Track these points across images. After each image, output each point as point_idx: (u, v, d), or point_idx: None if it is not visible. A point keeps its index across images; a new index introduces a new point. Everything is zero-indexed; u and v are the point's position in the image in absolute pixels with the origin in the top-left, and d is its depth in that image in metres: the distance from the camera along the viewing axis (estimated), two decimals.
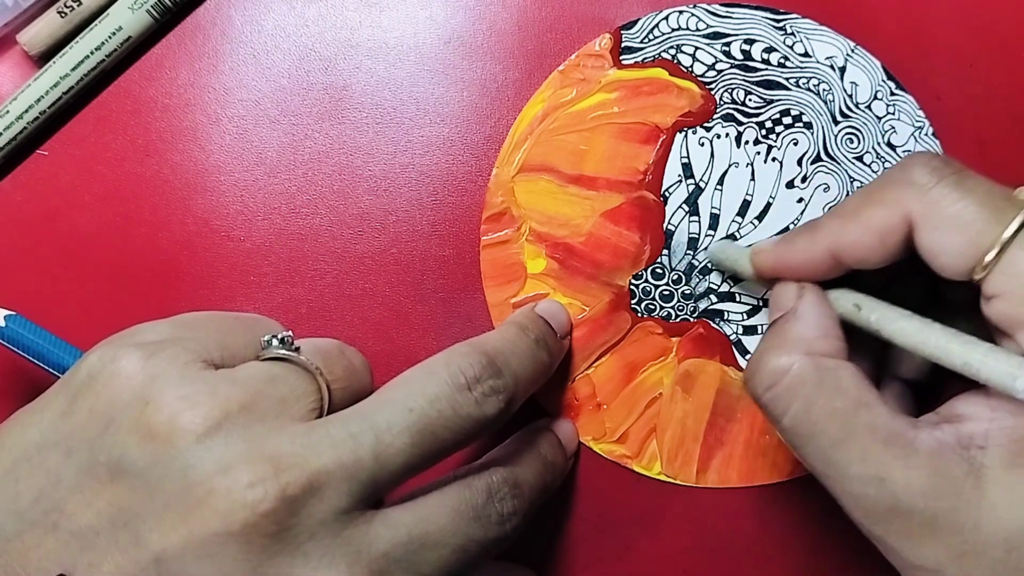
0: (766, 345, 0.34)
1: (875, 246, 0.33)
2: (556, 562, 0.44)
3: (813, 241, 0.34)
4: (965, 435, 0.31)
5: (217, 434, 0.30)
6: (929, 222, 0.31)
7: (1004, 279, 0.30)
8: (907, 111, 0.43)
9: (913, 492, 0.30)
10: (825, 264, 0.34)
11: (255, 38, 0.44)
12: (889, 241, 0.32)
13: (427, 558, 0.31)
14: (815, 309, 0.34)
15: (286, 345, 0.33)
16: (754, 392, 0.34)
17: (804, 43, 0.43)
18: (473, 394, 0.33)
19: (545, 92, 0.43)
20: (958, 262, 0.31)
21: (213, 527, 0.28)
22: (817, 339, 0.33)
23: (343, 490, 0.30)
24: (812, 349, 0.33)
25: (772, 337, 0.34)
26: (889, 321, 0.33)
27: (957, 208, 0.31)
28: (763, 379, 0.33)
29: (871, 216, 0.33)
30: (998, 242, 0.30)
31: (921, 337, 0.32)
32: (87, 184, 0.43)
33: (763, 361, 0.33)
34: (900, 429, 0.31)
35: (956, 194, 0.31)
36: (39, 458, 0.30)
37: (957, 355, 0.31)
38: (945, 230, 0.31)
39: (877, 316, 0.33)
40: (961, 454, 0.31)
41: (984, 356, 0.30)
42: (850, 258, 0.34)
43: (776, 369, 0.33)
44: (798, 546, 0.43)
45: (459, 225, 0.44)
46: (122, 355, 0.31)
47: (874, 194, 0.33)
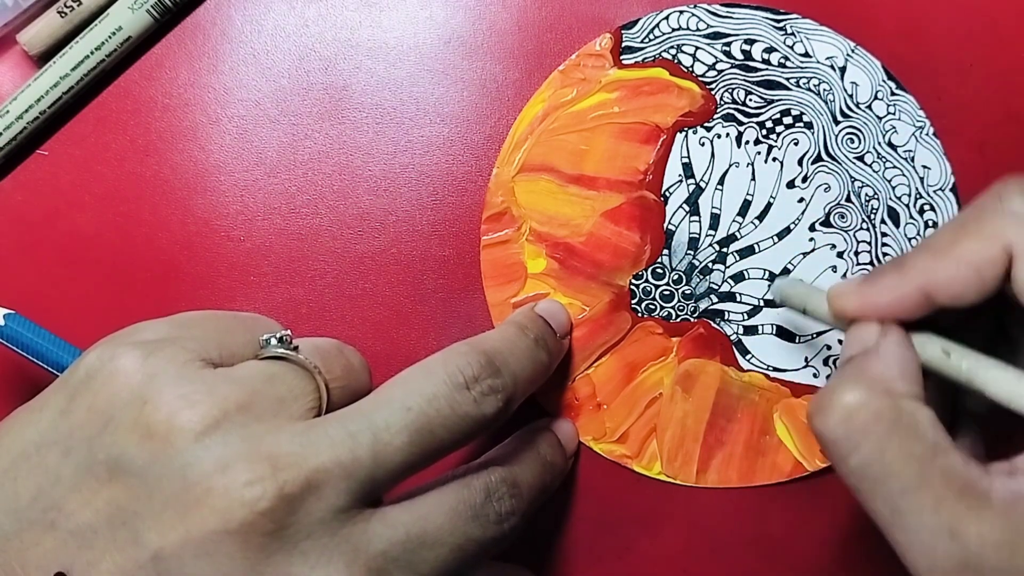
0: (840, 380, 0.32)
1: (972, 282, 0.31)
2: (556, 562, 0.44)
3: (902, 279, 0.33)
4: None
5: (215, 433, 0.29)
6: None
7: None
8: (908, 111, 0.43)
9: (986, 545, 0.29)
10: (915, 303, 0.32)
11: (255, 38, 0.44)
12: (987, 276, 0.31)
13: (425, 557, 0.31)
14: (899, 349, 0.33)
15: (285, 344, 0.33)
16: (821, 427, 0.31)
17: (804, 43, 0.43)
18: (471, 393, 0.33)
19: (545, 92, 0.43)
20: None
21: (211, 526, 0.28)
22: (898, 379, 0.32)
23: (341, 489, 0.30)
24: (892, 389, 0.31)
25: (848, 371, 0.32)
26: (982, 370, 0.31)
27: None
28: (834, 413, 0.31)
29: (967, 249, 0.31)
30: None
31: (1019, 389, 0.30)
32: (87, 184, 0.43)
33: (836, 395, 0.31)
34: (975, 478, 0.30)
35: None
36: (38, 457, 0.30)
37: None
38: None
39: (968, 364, 0.32)
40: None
41: None
42: (944, 295, 0.32)
43: (850, 404, 0.31)
44: (798, 546, 0.43)
45: (459, 225, 0.44)
46: (121, 354, 0.31)
47: (969, 225, 0.31)
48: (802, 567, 0.43)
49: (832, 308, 0.35)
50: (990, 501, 0.29)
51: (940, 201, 0.43)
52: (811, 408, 0.32)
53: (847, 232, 0.43)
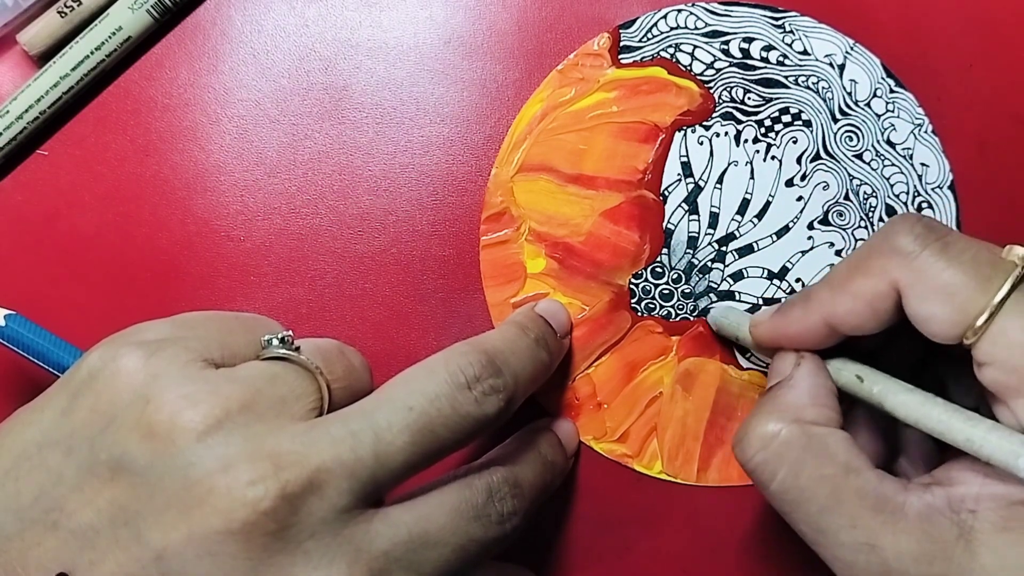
0: (756, 412, 0.34)
1: (867, 315, 0.33)
2: (556, 562, 0.44)
3: (807, 312, 0.35)
4: (956, 498, 0.31)
5: (218, 432, 0.29)
6: (916, 291, 0.32)
7: (994, 347, 0.30)
8: (907, 108, 0.43)
9: (903, 558, 0.30)
10: (820, 333, 0.35)
11: (255, 38, 0.44)
12: (880, 309, 0.33)
13: (427, 557, 0.31)
14: (810, 378, 0.35)
15: (286, 345, 0.33)
16: (742, 457, 0.34)
17: (803, 41, 0.43)
18: (473, 393, 0.33)
19: (544, 92, 0.43)
20: (948, 329, 0.31)
21: (214, 525, 0.28)
22: (808, 407, 0.34)
23: (343, 488, 0.30)
24: (802, 416, 0.33)
25: (764, 404, 0.35)
26: (891, 394, 0.33)
27: (944, 277, 0.31)
28: (751, 444, 0.33)
29: (860, 286, 0.33)
30: (987, 309, 0.30)
31: (923, 412, 0.32)
32: (87, 184, 0.43)
33: (752, 426, 0.34)
34: (889, 493, 0.31)
35: (942, 262, 0.31)
36: (39, 457, 0.30)
37: (959, 431, 0.31)
38: (933, 299, 0.31)
39: (880, 388, 0.34)
40: (952, 518, 0.31)
41: (986, 434, 0.30)
42: (845, 327, 0.34)
43: (764, 434, 0.33)
44: (798, 545, 0.43)
45: (459, 225, 0.44)
46: (123, 354, 0.31)
47: (861, 264, 0.33)
48: (802, 567, 0.43)
49: (752, 338, 0.38)
50: (904, 515, 0.31)
51: (938, 199, 0.43)
52: (734, 439, 0.35)
53: (846, 230, 0.43)
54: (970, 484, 0.32)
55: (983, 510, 0.31)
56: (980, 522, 0.30)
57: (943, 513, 0.31)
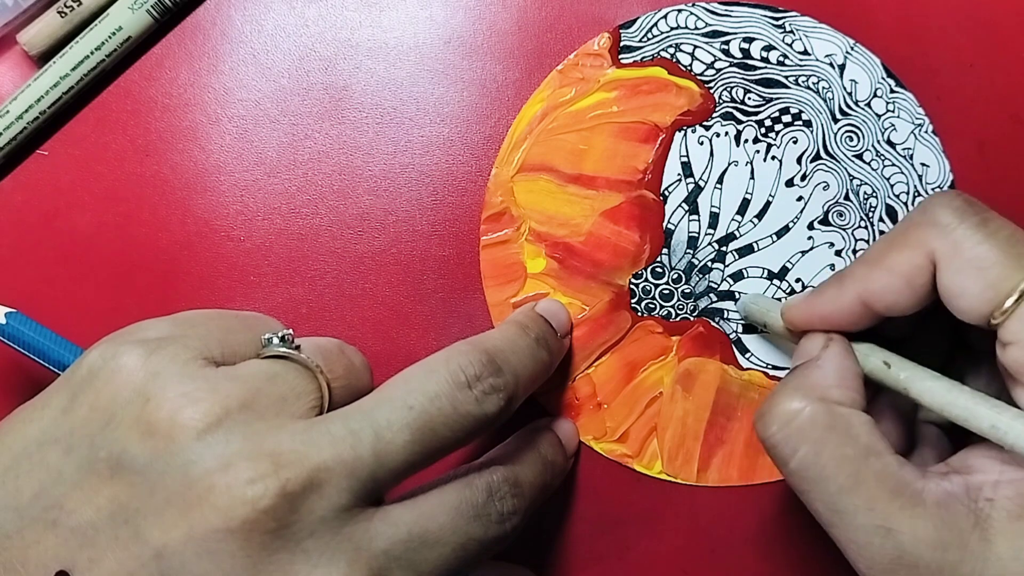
0: (781, 388, 0.34)
1: (903, 290, 0.33)
2: (556, 562, 0.44)
3: (841, 290, 0.35)
4: (974, 486, 0.31)
5: (217, 431, 0.29)
6: (951, 263, 0.31)
7: (1021, 326, 0.30)
8: (907, 108, 0.43)
9: (919, 543, 0.30)
10: (855, 313, 0.35)
11: (255, 38, 0.44)
12: (917, 283, 0.33)
13: (427, 556, 0.31)
14: (837, 359, 0.35)
15: (286, 343, 0.33)
16: (764, 432, 0.34)
17: (803, 41, 0.43)
18: (473, 392, 0.33)
19: (544, 91, 0.43)
20: (977, 305, 0.31)
21: (213, 523, 0.28)
22: (834, 387, 0.34)
23: (343, 487, 0.30)
24: (827, 396, 0.33)
25: (789, 381, 0.35)
26: (917, 380, 0.33)
27: (979, 251, 0.31)
28: (773, 419, 0.33)
29: (896, 259, 0.33)
30: (1018, 288, 0.30)
31: (949, 398, 0.32)
32: (87, 184, 0.43)
33: (775, 402, 0.34)
34: (908, 479, 0.31)
35: (979, 236, 0.31)
36: (39, 455, 0.30)
37: (985, 418, 0.31)
38: (966, 272, 0.31)
39: (907, 375, 0.34)
40: (969, 506, 0.31)
41: (1012, 421, 0.30)
42: (880, 304, 0.34)
43: (788, 411, 0.33)
44: (799, 545, 0.43)
45: (459, 225, 0.44)
46: (123, 352, 0.31)
47: (898, 237, 0.33)
48: (802, 567, 0.43)
49: (784, 320, 0.38)
50: (923, 500, 0.31)
51: None
52: (755, 415, 0.34)
53: (846, 230, 0.43)
54: (988, 472, 0.32)
55: (1000, 498, 0.31)
56: (996, 511, 0.30)
57: (960, 501, 0.31)
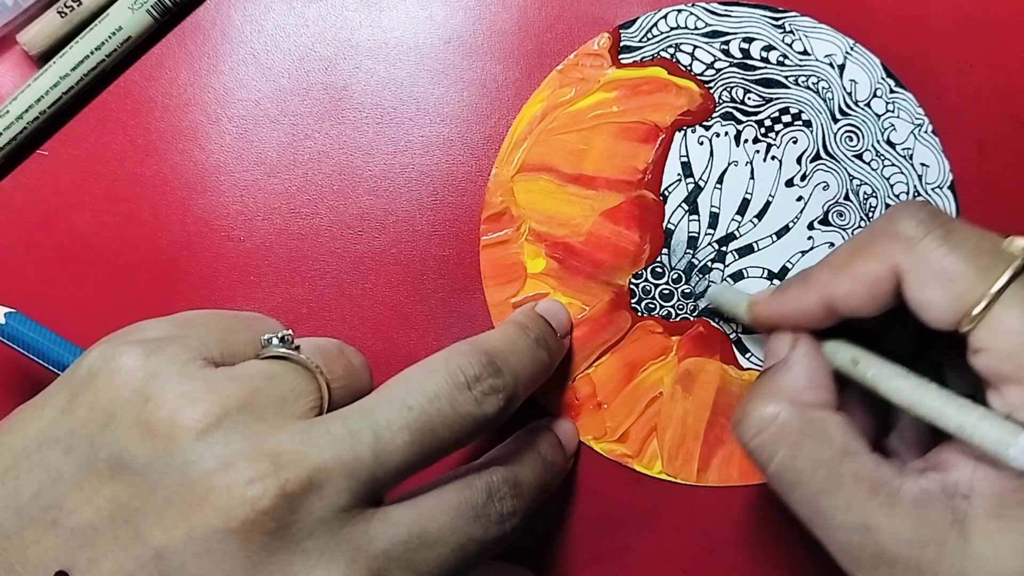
0: (754, 393, 0.35)
1: (866, 297, 0.33)
2: (556, 562, 0.44)
3: (805, 292, 0.35)
4: (950, 483, 0.31)
5: (217, 431, 0.29)
6: (916, 276, 0.32)
7: (989, 335, 0.30)
8: (906, 108, 0.43)
9: (898, 541, 0.31)
10: (818, 314, 0.35)
11: (255, 38, 0.44)
12: (879, 292, 0.33)
13: (426, 557, 0.31)
14: (806, 360, 0.35)
15: (286, 344, 0.33)
16: (741, 439, 0.34)
17: (803, 41, 0.43)
18: (472, 393, 0.33)
19: (544, 92, 0.43)
20: (945, 315, 0.31)
21: (213, 524, 0.28)
22: (805, 389, 0.34)
23: (343, 487, 0.30)
24: (799, 399, 0.34)
25: (761, 386, 0.35)
26: (885, 379, 0.33)
27: (945, 263, 0.31)
28: (750, 426, 0.34)
29: (860, 268, 0.33)
30: (984, 297, 0.30)
31: (916, 397, 0.32)
32: (87, 184, 0.43)
33: (750, 409, 0.34)
34: (885, 478, 0.32)
35: (944, 248, 0.31)
36: (39, 455, 0.30)
37: (951, 418, 0.31)
38: (932, 284, 0.31)
39: (874, 372, 0.34)
40: (946, 503, 0.31)
41: (978, 421, 0.30)
42: (844, 308, 0.34)
43: (762, 417, 0.34)
44: (799, 545, 0.43)
45: (459, 225, 0.44)
46: (123, 352, 0.31)
47: (863, 246, 0.33)
48: (802, 567, 0.43)
49: (749, 317, 0.38)
50: (900, 499, 0.31)
51: (939, 199, 0.43)
52: (732, 420, 0.35)
53: (846, 230, 0.43)
54: (963, 468, 0.32)
55: (976, 496, 0.31)
56: (973, 508, 0.31)
57: (937, 499, 0.31)
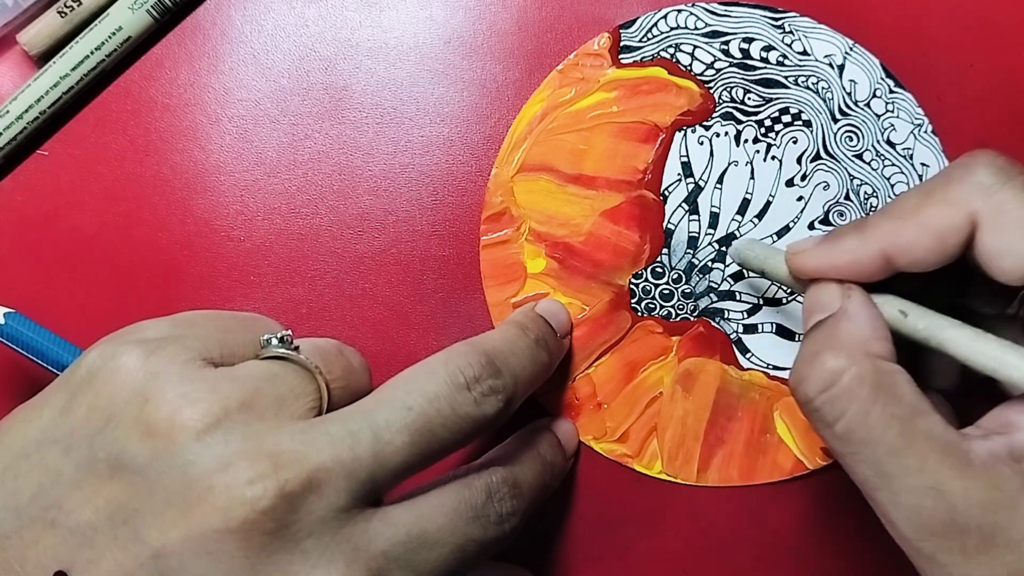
0: (817, 346, 0.32)
1: (933, 247, 0.32)
2: (556, 562, 0.44)
3: (864, 241, 0.33)
4: (1018, 447, 0.30)
5: (216, 431, 0.29)
6: (995, 224, 0.31)
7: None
8: (906, 108, 0.43)
9: (971, 505, 0.29)
10: (874, 266, 0.33)
11: (255, 38, 0.44)
12: (949, 242, 0.31)
13: (425, 557, 0.31)
14: (866, 310, 0.33)
15: (285, 344, 0.33)
16: (805, 395, 0.32)
17: (803, 41, 0.43)
18: (472, 393, 0.33)
19: (544, 92, 0.43)
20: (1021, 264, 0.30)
21: (212, 524, 0.28)
22: (872, 340, 0.32)
23: (342, 488, 0.30)
24: (870, 350, 0.31)
25: (822, 338, 0.32)
26: (939, 329, 0.32)
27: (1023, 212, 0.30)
28: (817, 381, 0.31)
29: (932, 216, 0.32)
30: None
31: (976, 347, 0.31)
32: (87, 184, 0.43)
33: (817, 362, 0.31)
34: (955, 440, 0.30)
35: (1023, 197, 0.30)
36: (38, 455, 0.30)
37: (1015, 367, 0.30)
38: (1011, 232, 0.30)
39: (926, 324, 0.32)
40: (1014, 467, 0.30)
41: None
42: (904, 259, 0.32)
43: (833, 369, 0.31)
44: (798, 545, 0.43)
45: (459, 225, 0.44)
46: (122, 352, 0.31)
47: (935, 193, 0.32)
48: (802, 567, 0.43)
49: (790, 267, 0.35)
50: (971, 461, 0.30)
51: None
52: (793, 379, 0.32)
53: None
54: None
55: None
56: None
57: (1005, 462, 0.30)
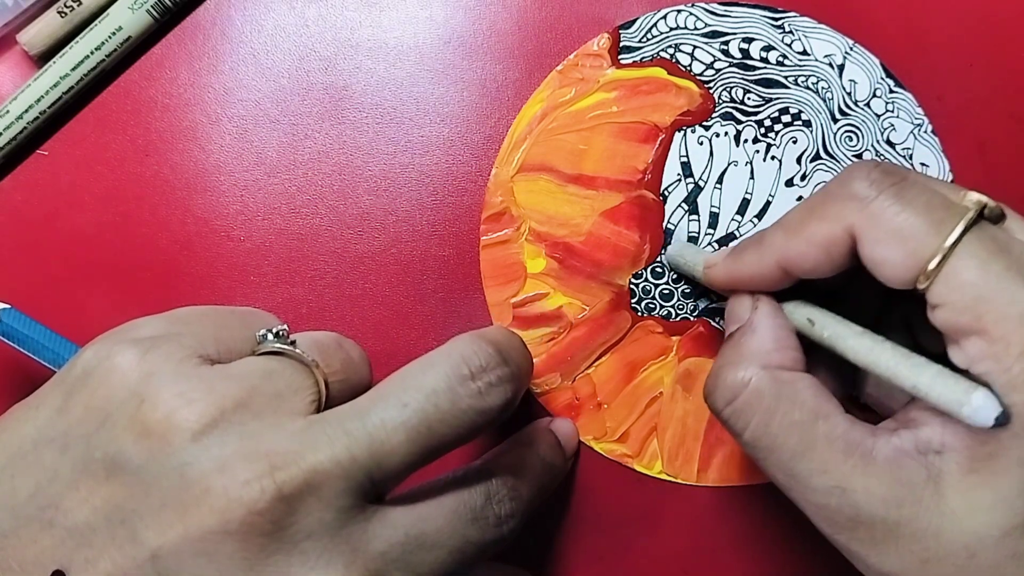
0: (723, 360, 0.34)
1: (821, 259, 0.33)
2: (556, 562, 0.43)
3: (760, 254, 0.35)
4: (923, 441, 0.31)
5: (213, 432, 0.29)
6: (871, 235, 0.31)
7: (946, 289, 0.30)
8: (906, 108, 0.43)
9: (873, 501, 0.31)
10: (774, 276, 0.35)
11: (255, 38, 0.44)
12: (834, 254, 0.33)
13: (424, 559, 0.31)
14: (769, 321, 0.35)
15: (281, 339, 0.33)
16: (714, 407, 0.34)
17: (802, 41, 0.43)
18: (476, 384, 0.32)
19: (544, 92, 0.43)
20: (901, 273, 0.31)
21: (210, 525, 0.28)
22: (773, 351, 0.34)
23: (340, 488, 0.30)
24: (769, 362, 0.33)
25: (729, 351, 0.35)
26: (841, 339, 0.33)
27: (898, 220, 0.31)
28: (722, 394, 0.34)
29: (814, 231, 0.33)
30: (939, 252, 0.30)
31: (872, 357, 0.32)
32: (87, 184, 0.43)
33: (721, 376, 0.34)
34: (859, 438, 0.32)
35: (897, 206, 0.31)
36: (35, 454, 0.30)
37: (906, 377, 0.31)
38: (886, 242, 0.31)
39: (830, 333, 0.34)
40: (919, 460, 0.31)
41: (932, 379, 0.30)
42: (798, 270, 0.34)
43: (734, 383, 0.33)
44: (799, 545, 0.43)
45: (459, 225, 0.44)
46: (118, 351, 0.31)
47: (816, 208, 0.33)
48: (802, 567, 0.43)
49: (705, 280, 0.38)
50: (874, 459, 0.31)
51: None
52: (704, 391, 0.35)
53: None
54: (933, 425, 0.31)
55: (948, 451, 0.31)
56: (947, 463, 0.30)
57: (911, 456, 0.31)
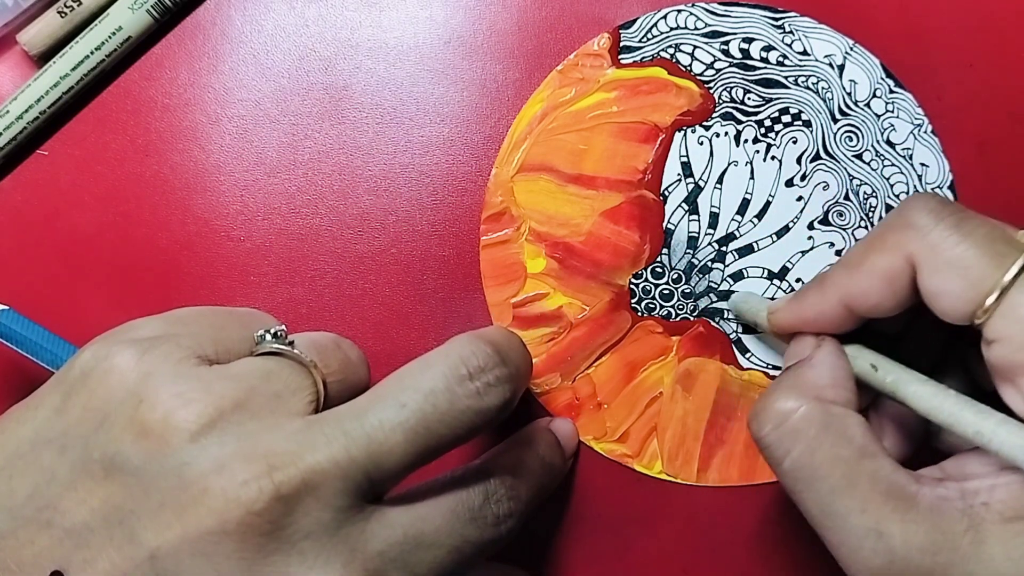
0: (775, 387, 0.34)
1: (884, 293, 0.33)
2: (555, 562, 0.43)
3: (823, 294, 0.35)
4: (970, 491, 0.31)
5: (211, 432, 0.29)
6: (930, 265, 0.31)
7: (1004, 323, 0.30)
8: (906, 109, 0.43)
9: (910, 547, 0.30)
10: (839, 316, 0.34)
11: (255, 38, 0.44)
12: (897, 286, 0.32)
13: (422, 558, 0.31)
14: (830, 359, 0.34)
15: (280, 339, 0.33)
16: (758, 432, 0.33)
17: (803, 41, 0.43)
18: (474, 384, 0.32)
19: (544, 92, 0.43)
20: (959, 305, 0.31)
21: (208, 525, 0.28)
22: (828, 387, 0.33)
23: (338, 489, 0.30)
24: (822, 396, 0.33)
25: (783, 381, 0.34)
26: (904, 384, 0.33)
27: (958, 251, 0.31)
28: (768, 418, 0.33)
29: (875, 263, 0.33)
30: (998, 286, 0.30)
31: (935, 403, 0.32)
32: (87, 184, 0.43)
33: (770, 402, 0.33)
34: (903, 482, 0.31)
35: (956, 236, 0.31)
36: (33, 455, 0.30)
37: (970, 424, 0.31)
38: (946, 273, 0.31)
39: (893, 378, 0.34)
40: (963, 509, 0.30)
41: (996, 427, 0.30)
42: (862, 307, 0.34)
43: (782, 410, 0.33)
44: (799, 545, 0.43)
45: (459, 225, 0.44)
46: (116, 352, 0.31)
47: (875, 241, 0.33)
48: (802, 567, 0.43)
49: (769, 325, 0.38)
50: (916, 504, 0.31)
51: None
52: (750, 414, 0.34)
53: (846, 230, 0.43)
54: (984, 477, 0.31)
55: (994, 501, 0.30)
56: (990, 513, 0.30)
57: (954, 505, 0.31)
